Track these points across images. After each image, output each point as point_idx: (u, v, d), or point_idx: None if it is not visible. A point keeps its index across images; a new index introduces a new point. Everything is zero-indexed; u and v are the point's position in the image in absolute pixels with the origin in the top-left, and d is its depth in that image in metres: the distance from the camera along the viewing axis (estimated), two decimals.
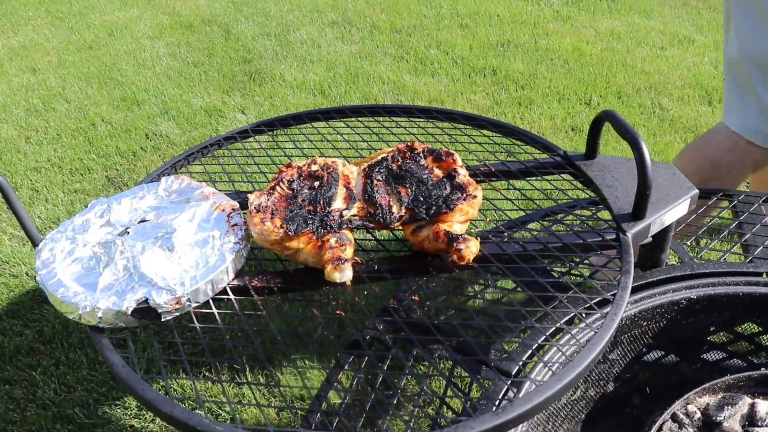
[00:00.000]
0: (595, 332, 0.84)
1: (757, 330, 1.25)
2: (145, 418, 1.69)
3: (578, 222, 1.38)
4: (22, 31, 4.66)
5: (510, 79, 3.59)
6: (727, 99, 1.72)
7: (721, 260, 1.27)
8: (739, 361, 1.30)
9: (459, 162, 1.05)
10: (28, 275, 2.23)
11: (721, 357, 1.30)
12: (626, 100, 3.29)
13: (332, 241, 0.94)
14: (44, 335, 1.96)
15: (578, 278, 1.23)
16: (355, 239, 0.99)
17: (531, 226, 1.39)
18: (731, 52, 1.64)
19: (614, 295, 0.90)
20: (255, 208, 1.00)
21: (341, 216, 0.98)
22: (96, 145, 3.11)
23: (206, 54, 4.07)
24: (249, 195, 1.04)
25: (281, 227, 0.96)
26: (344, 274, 0.90)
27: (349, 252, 0.94)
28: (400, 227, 0.99)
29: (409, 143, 1.09)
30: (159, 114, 3.37)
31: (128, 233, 1.04)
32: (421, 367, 1.44)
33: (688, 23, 4.22)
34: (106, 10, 5.02)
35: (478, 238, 0.94)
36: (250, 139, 1.42)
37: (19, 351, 1.91)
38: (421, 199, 0.99)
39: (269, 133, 1.45)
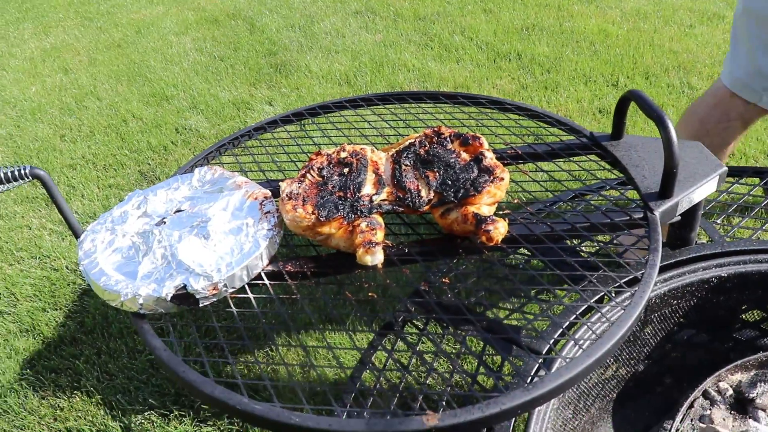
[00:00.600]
0: (624, 310, 0.85)
1: None
2: (184, 403, 1.73)
3: (606, 202, 1.38)
4: (53, 33, 4.76)
5: (535, 62, 3.56)
6: (726, 55, 1.74)
7: (753, 238, 1.27)
8: None
9: (486, 145, 1.07)
10: (68, 269, 2.29)
11: (754, 335, 1.30)
12: (654, 81, 3.25)
13: (363, 225, 0.96)
14: (85, 326, 2.02)
15: (607, 258, 1.24)
16: (385, 223, 1.01)
17: (560, 207, 1.40)
18: (737, 8, 1.66)
19: (642, 273, 0.91)
20: (287, 195, 1.03)
21: (371, 201, 1.00)
22: (128, 141, 3.17)
23: (232, 48, 4.12)
24: (280, 183, 1.07)
25: (313, 213, 0.98)
26: (375, 257, 0.93)
27: (379, 236, 0.96)
28: (429, 211, 1.01)
29: (436, 128, 1.11)
30: (188, 108, 3.43)
31: (165, 223, 1.07)
32: (454, 348, 1.46)
33: None
34: (132, 9, 5.10)
35: (506, 219, 0.95)
36: (279, 129, 1.45)
37: (63, 341, 1.97)
38: (449, 182, 1.01)
39: (298, 122, 1.47)
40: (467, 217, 0.94)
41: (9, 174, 1.01)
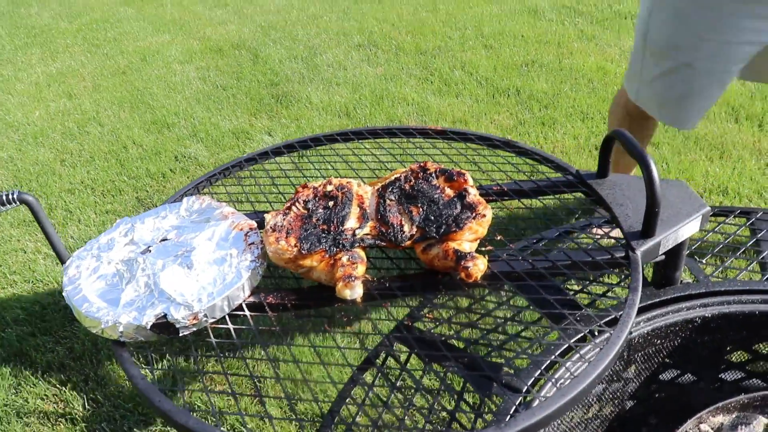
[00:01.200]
0: (600, 349, 0.85)
1: None
2: None
3: (591, 241, 1.38)
4: (60, 58, 4.83)
5: (534, 98, 3.60)
6: None
7: (738, 278, 1.27)
8: (759, 381, 1.28)
9: (470, 182, 1.08)
10: (60, 294, 2.29)
11: (739, 377, 1.29)
12: None
13: (344, 259, 0.97)
14: (74, 352, 2.01)
15: (589, 297, 1.24)
16: (368, 257, 1.01)
17: (545, 245, 1.40)
18: (641, 14, 1.76)
19: (621, 313, 0.91)
20: (271, 227, 1.04)
21: (354, 235, 1.01)
22: (127, 167, 3.20)
23: (235, 77, 4.17)
24: (266, 215, 1.08)
25: (295, 246, 0.99)
26: (354, 291, 0.93)
27: (360, 270, 0.96)
28: (412, 246, 1.02)
29: (422, 164, 1.12)
30: (188, 137, 3.46)
31: (150, 251, 1.08)
32: (434, 384, 1.45)
33: None
34: (139, 37, 5.17)
35: (487, 256, 0.96)
36: (271, 161, 1.46)
37: (51, 367, 1.97)
38: (432, 218, 1.01)
39: (289, 154, 1.48)
40: (447, 253, 0.95)
41: None
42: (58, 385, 1.90)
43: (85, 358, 1.98)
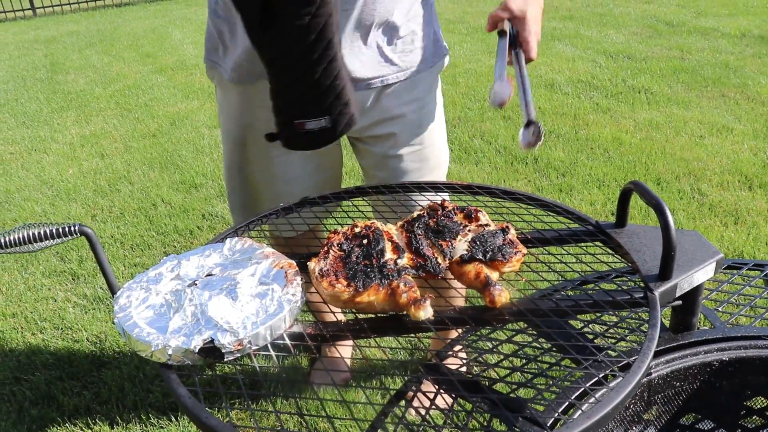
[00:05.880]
0: (621, 377, 0.90)
1: None
2: None
3: (614, 287, 1.44)
4: (93, 121, 5.04)
5: (551, 167, 3.70)
6: None
7: (753, 325, 1.31)
8: None
9: (484, 219, 1.17)
10: (88, 341, 2.36)
11: (760, 423, 1.32)
12: (665, 186, 3.36)
13: (402, 285, 1.03)
14: (101, 396, 2.06)
15: (611, 340, 1.29)
16: None
17: (566, 289, 1.46)
18: None
19: (641, 345, 0.96)
20: (319, 273, 1.11)
21: (396, 264, 1.08)
22: (156, 224, 3.30)
23: None
24: (308, 263, 1.15)
25: (350, 286, 1.05)
26: (427, 311, 1.00)
27: (418, 292, 1.03)
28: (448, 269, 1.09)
29: (439, 202, 1.21)
30: (215, 196, 3.58)
31: (196, 285, 1.15)
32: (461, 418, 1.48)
33: (726, 113, 4.31)
34: (169, 103, 5.40)
35: (508, 289, 1.03)
36: (307, 209, 1.54)
37: (78, 410, 2.01)
38: (478, 243, 1.09)
39: (324, 204, 1.57)
40: (479, 275, 1.03)
41: (60, 230, 1.10)
42: (84, 428, 1.94)
43: (111, 403, 2.03)
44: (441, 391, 1.11)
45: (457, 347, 1.30)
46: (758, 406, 1.28)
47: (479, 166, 3.82)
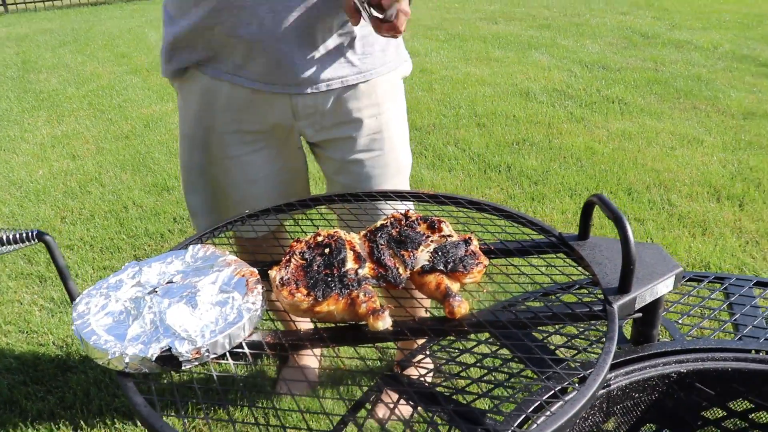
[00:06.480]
0: (577, 391, 0.91)
1: (749, 407, 1.29)
2: None
3: (575, 299, 1.45)
4: (65, 122, 4.97)
5: (524, 175, 3.73)
6: None
7: (712, 337, 1.33)
8: None
9: (447, 230, 1.17)
10: (54, 344, 2.32)
11: None
12: (636, 196, 3.40)
13: (362, 296, 1.03)
14: (65, 401, 2.03)
15: (571, 351, 1.30)
16: None
17: (527, 300, 1.47)
18: None
19: (597, 358, 0.97)
20: (279, 282, 1.10)
21: (356, 274, 1.08)
22: (126, 227, 3.27)
23: None
24: (269, 271, 1.15)
25: (309, 295, 1.05)
26: (386, 322, 0.99)
27: (378, 302, 1.03)
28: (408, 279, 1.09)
29: (403, 212, 1.21)
30: None
31: (156, 292, 1.14)
32: (421, 427, 1.49)
33: (697, 125, 4.39)
34: (143, 104, 5.35)
35: (468, 300, 1.03)
36: (272, 217, 1.54)
37: (41, 415, 1.98)
38: (440, 254, 1.10)
39: (290, 212, 1.57)
40: (440, 286, 1.03)
41: (17, 236, 1.09)
42: None
43: (76, 408, 2.00)
44: (400, 401, 1.11)
45: (420, 357, 1.31)
46: (714, 417, 1.30)
47: (452, 173, 3.84)
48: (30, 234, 1.09)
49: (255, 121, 1.65)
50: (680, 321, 1.38)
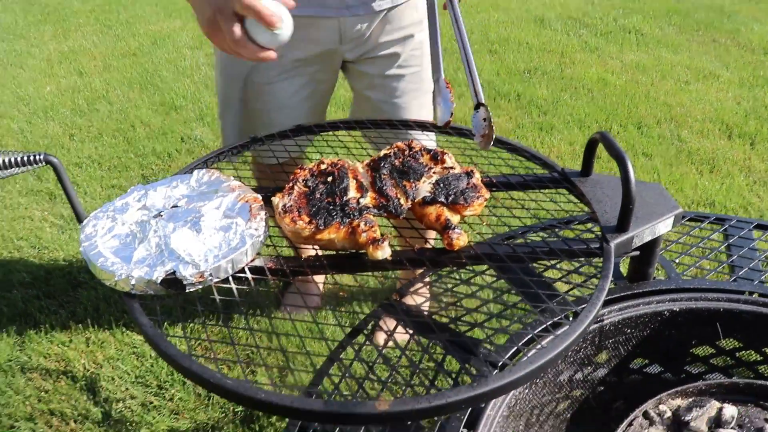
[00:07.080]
0: (568, 326, 0.94)
1: (737, 345, 1.33)
2: (164, 396, 1.81)
3: (574, 234, 1.47)
4: (72, 37, 4.90)
5: (534, 104, 3.69)
6: None
7: (707, 278, 1.36)
8: (721, 375, 1.37)
9: (450, 161, 1.18)
10: (65, 260, 2.38)
11: (703, 369, 1.38)
12: (646, 131, 3.37)
13: (362, 225, 1.05)
14: (77, 315, 2.10)
15: (568, 285, 1.33)
16: None
17: (527, 234, 1.49)
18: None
19: (591, 295, 1.00)
20: (282, 209, 1.12)
21: (358, 203, 1.10)
22: (134, 145, 3.28)
23: None
24: (272, 198, 1.16)
25: (311, 223, 1.07)
26: (385, 251, 1.02)
27: (378, 232, 1.05)
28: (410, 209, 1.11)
29: (407, 142, 1.22)
30: (195, 119, 3.54)
31: (161, 216, 1.16)
32: (416, 353, 1.54)
33: (714, 59, 4.28)
34: (151, 21, 5.25)
35: (468, 233, 1.05)
36: (277, 143, 1.54)
37: (54, 328, 2.05)
38: (442, 185, 1.11)
39: (295, 137, 1.57)
40: (440, 217, 1.05)
41: (24, 158, 1.10)
42: (60, 345, 1.99)
43: (87, 322, 2.07)
44: (397, 329, 1.14)
45: (418, 286, 1.34)
46: (702, 354, 1.34)
47: (462, 100, 3.79)
48: (37, 156, 1.10)
49: (300, 48, 1.64)
50: (678, 260, 1.40)
